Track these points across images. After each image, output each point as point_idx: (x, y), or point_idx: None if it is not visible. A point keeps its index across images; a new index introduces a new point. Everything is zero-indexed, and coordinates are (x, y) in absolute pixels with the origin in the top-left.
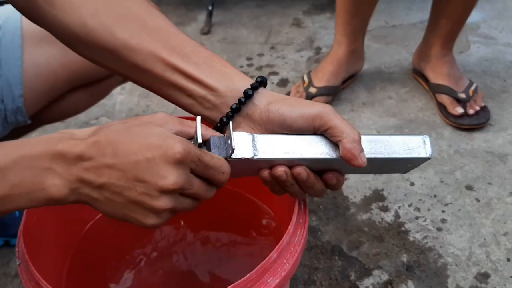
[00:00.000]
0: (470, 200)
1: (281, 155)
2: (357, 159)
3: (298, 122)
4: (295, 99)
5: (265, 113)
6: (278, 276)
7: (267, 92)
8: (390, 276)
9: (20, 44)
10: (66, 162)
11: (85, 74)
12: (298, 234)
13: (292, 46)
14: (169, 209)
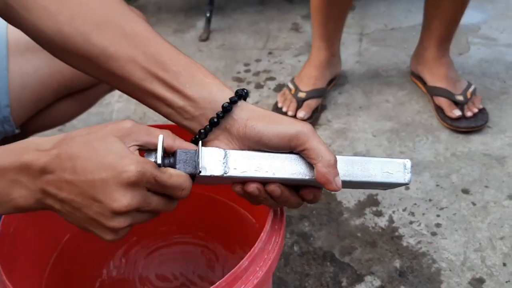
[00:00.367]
0: (466, 204)
1: (252, 173)
2: (331, 183)
3: (273, 141)
4: (275, 115)
5: (243, 129)
6: (250, 284)
7: (247, 106)
8: (383, 282)
9: (6, 55)
10: (31, 174)
11: (72, 83)
12: (273, 241)
13: (290, 51)
14: (125, 227)
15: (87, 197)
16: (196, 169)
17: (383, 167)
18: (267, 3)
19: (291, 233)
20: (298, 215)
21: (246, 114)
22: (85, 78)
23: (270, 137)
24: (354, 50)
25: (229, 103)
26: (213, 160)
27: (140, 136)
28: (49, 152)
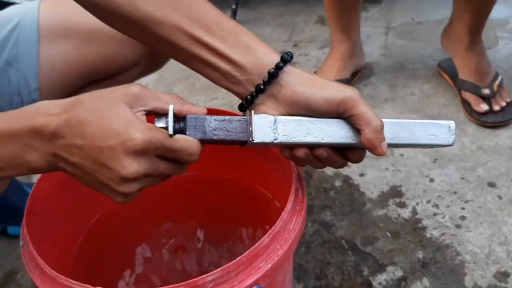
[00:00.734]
0: (492, 197)
1: (301, 139)
2: (377, 148)
3: (322, 106)
4: (322, 80)
5: (290, 95)
6: (271, 261)
7: (294, 70)
8: (405, 273)
9: (37, 40)
10: (42, 138)
11: (99, 69)
12: (294, 221)
13: (315, 44)
14: (135, 192)
15: (96, 162)
16: (205, 134)
17: (428, 130)
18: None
19: (312, 222)
20: (320, 205)
21: (293, 80)
22: (111, 65)
23: (318, 102)
24: (380, 43)
25: (275, 69)
26: (263, 127)
27: (148, 102)
28: (60, 116)
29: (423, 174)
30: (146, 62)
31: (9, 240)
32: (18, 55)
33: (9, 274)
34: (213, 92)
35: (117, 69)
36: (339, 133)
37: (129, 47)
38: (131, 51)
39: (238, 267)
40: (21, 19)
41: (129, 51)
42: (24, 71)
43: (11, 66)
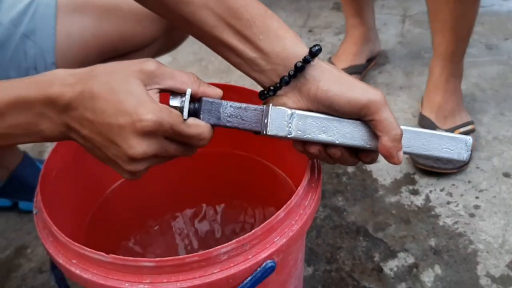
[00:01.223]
0: (507, 187)
1: (315, 137)
2: (394, 158)
3: (345, 108)
4: (349, 79)
5: (314, 90)
6: (285, 237)
7: (321, 65)
8: (416, 260)
9: (54, 14)
10: (56, 108)
11: (116, 46)
12: (309, 197)
13: (331, 30)
14: (142, 170)
15: (105, 138)
16: (219, 120)
17: (444, 143)
18: None
19: (324, 207)
20: (332, 190)
21: (319, 75)
22: (130, 42)
23: (341, 103)
24: (397, 31)
25: (302, 63)
26: (278, 120)
27: (163, 80)
28: (74, 87)
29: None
30: (163, 40)
31: (21, 215)
32: (35, 28)
33: (20, 249)
34: (226, 75)
35: (133, 47)
36: (355, 135)
37: (147, 25)
38: (148, 29)
39: (252, 240)
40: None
41: (146, 28)
42: (41, 45)
43: (28, 39)
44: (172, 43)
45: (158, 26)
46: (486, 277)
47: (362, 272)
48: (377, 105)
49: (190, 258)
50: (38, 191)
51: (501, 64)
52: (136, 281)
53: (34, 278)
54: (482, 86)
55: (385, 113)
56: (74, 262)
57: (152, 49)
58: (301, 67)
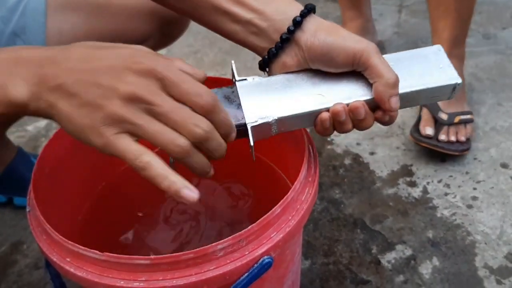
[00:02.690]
0: (505, 178)
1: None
2: (385, 103)
3: (340, 56)
4: (342, 30)
5: (311, 40)
6: (282, 232)
7: (315, 18)
8: (414, 252)
9: (44, 11)
10: (29, 67)
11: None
12: (306, 192)
13: (319, 9)
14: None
15: (90, 83)
16: None
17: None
18: None
19: (321, 199)
20: (329, 182)
21: (315, 26)
22: (122, 39)
23: (338, 51)
24: (393, 21)
25: (300, 17)
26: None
27: None
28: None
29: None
30: (157, 37)
31: (16, 211)
32: (25, 26)
33: (15, 245)
34: (222, 67)
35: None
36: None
37: (140, 22)
38: (141, 26)
39: (249, 236)
40: None
41: (139, 25)
42: (31, 43)
43: (18, 37)
44: (167, 39)
45: (151, 23)
46: (484, 269)
47: (360, 264)
48: (369, 52)
49: (185, 255)
50: (31, 188)
51: (499, 54)
52: (131, 278)
53: (31, 274)
54: (479, 76)
55: (376, 59)
56: (68, 260)
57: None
58: (299, 21)
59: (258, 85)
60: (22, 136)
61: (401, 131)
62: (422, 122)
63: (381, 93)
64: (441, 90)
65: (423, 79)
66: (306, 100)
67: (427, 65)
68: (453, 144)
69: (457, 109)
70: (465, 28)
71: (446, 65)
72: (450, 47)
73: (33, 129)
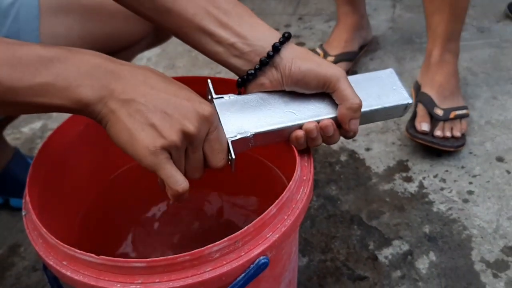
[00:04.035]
0: (500, 172)
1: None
2: (345, 125)
3: (313, 82)
4: (315, 57)
5: (289, 67)
6: (278, 232)
7: (292, 46)
8: (411, 247)
9: (37, 15)
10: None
11: (103, 45)
12: (301, 191)
13: (321, 17)
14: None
15: (158, 109)
16: None
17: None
18: None
19: (317, 196)
20: (325, 179)
21: (292, 54)
22: (117, 41)
23: (312, 77)
24: (387, 16)
25: (279, 43)
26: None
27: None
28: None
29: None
30: (152, 36)
31: (12, 213)
32: (18, 31)
33: (13, 247)
34: (216, 66)
35: (121, 45)
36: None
37: (134, 23)
38: (136, 27)
39: (244, 237)
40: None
41: (134, 26)
42: None
43: None
44: (160, 39)
45: (146, 24)
46: (480, 263)
47: (357, 261)
48: (338, 78)
49: (181, 257)
50: (27, 192)
51: (493, 47)
52: (128, 281)
53: (28, 277)
54: (474, 70)
55: (343, 85)
56: (65, 264)
57: (141, 46)
58: (278, 47)
59: (234, 102)
60: (17, 138)
61: (397, 127)
62: (418, 118)
63: (344, 115)
64: (395, 109)
65: (379, 100)
66: (279, 117)
67: (382, 87)
68: (448, 140)
69: (452, 104)
70: (460, 22)
71: (398, 87)
72: (445, 41)
73: (28, 131)
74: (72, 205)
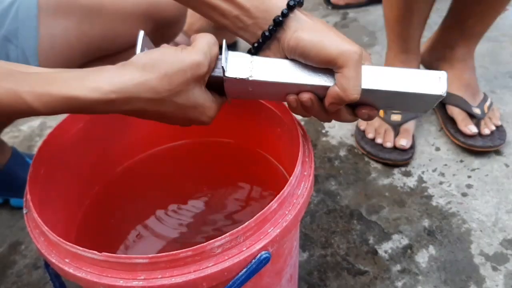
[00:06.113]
0: (499, 166)
1: (276, 78)
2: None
3: (315, 59)
4: (323, 29)
5: (289, 40)
6: (279, 227)
7: (299, 16)
8: (410, 241)
9: (36, 15)
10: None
11: (100, 46)
12: (302, 186)
13: (318, 12)
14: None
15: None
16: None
17: (413, 78)
18: None
19: (317, 192)
20: (324, 174)
21: (297, 26)
22: (115, 42)
23: (312, 53)
24: None
25: (281, 16)
26: (238, 64)
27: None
28: None
29: (429, 143)
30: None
31: (12, 212)
32: (17, 31)
33: (13, 246)
34: None
35: (119, 47)
36: (315, 76)
37: (133, 25)
38: (134, 29)
39: (246, 232)
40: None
41: (132, 28)
42: (23, 48)
43: (10, 42)
44: (160, 42)
45: (145, 25)
46: (480, 256)
47: (357, 255)
48: (346, 60)
49: (184, 253)
50: (27, 190)
51: (491, 41)
52: (131, 277)
53: (30, 274)
54: None
55: (348, 71)
56: (67, 261)
57: None
58: (280, 21)
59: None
60: (16, 136)
61: None
62: (461, 122)
63: (329, 96)
64: (423, 99)
65: (407, 84)
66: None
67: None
68: (494, 135)
69: (480, 99)
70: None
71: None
72: (474, 42)
73: (27, 129)
74: (73, 203)
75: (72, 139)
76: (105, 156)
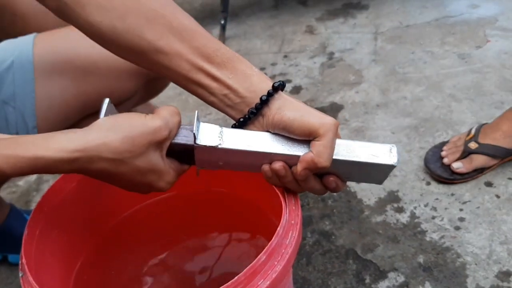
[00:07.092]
0: (490, 197)
1: (244, 147)
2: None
3: (297, 130)
4: (304, 107)
5: (273, 115)
6: (269, 278)
7: (283, 96)
8: (407, 278)
9: (33, 79)
10: None
11: (96, 103)
12: (290, 235)
13: (305, 53)
14: None
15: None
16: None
17: (368, 150)
18: (282, 8)
19: (312, 232)
20: (319, 214)
21: (280, 105)
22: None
23: (294, 126)
24: (370, 49)
25: (267, 96)
26: (208, 134)
27: (172, 134)
28: None
29: (419, 178)
30: (142, 92)
31: (11, 268)
32: (14, 94)
33: None
34: (207, 107)
35: (114, 102)
36: (282, 145)
37: (126, 81)
38: (127, 84)
39: (236, 286)
40: (16, 58)
41: (125, 84)
42: (21, 110)
43: (8, 105)
44: (151, 94)
45: (137, 81)
46: None
47: None
48: (324, 131)
49: None
50: (22, 254)
51: (475, 73)
52: None
53: None
54: (458, 97)
55: (324, 140)
56: None
57: (132, 102)
58: (265, 100)
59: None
60: (13, 191)
61: None
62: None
63: (303, 160)
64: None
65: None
66: (251, 143)
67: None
68: None
69: None
70: None
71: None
72: None
73: (23, 184)
74: (68, 261)
75: (66, 198)
76: (98, 212)
